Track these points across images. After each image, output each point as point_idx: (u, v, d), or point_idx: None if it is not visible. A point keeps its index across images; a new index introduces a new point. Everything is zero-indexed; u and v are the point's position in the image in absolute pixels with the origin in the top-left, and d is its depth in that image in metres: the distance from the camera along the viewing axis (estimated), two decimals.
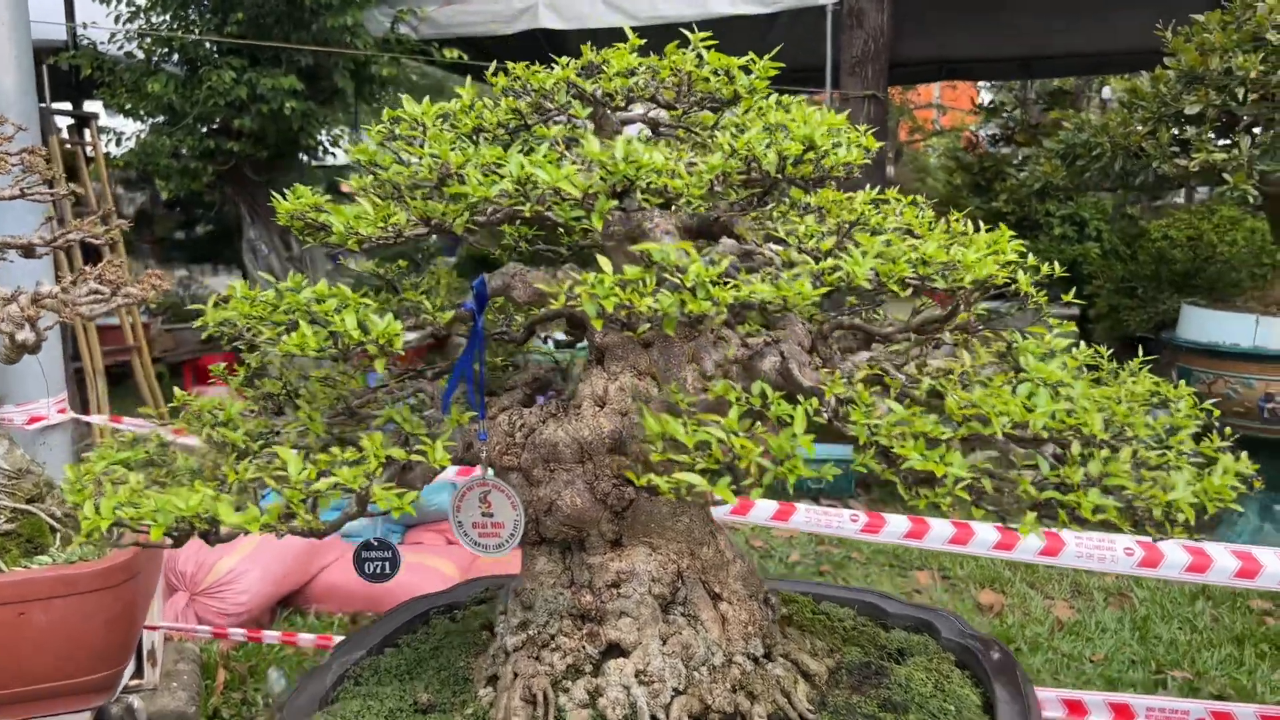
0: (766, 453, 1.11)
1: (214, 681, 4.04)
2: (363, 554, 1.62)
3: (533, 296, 1.60)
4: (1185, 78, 6.01)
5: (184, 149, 9.08)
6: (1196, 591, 5.27)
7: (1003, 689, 1.65)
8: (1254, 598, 5.19)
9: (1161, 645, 4.72)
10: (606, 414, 1.56)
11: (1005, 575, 5.55)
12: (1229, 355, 5.78)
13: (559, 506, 1.56)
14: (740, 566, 1.68)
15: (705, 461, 1.13)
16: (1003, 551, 2.79)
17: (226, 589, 4.55)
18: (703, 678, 1.54)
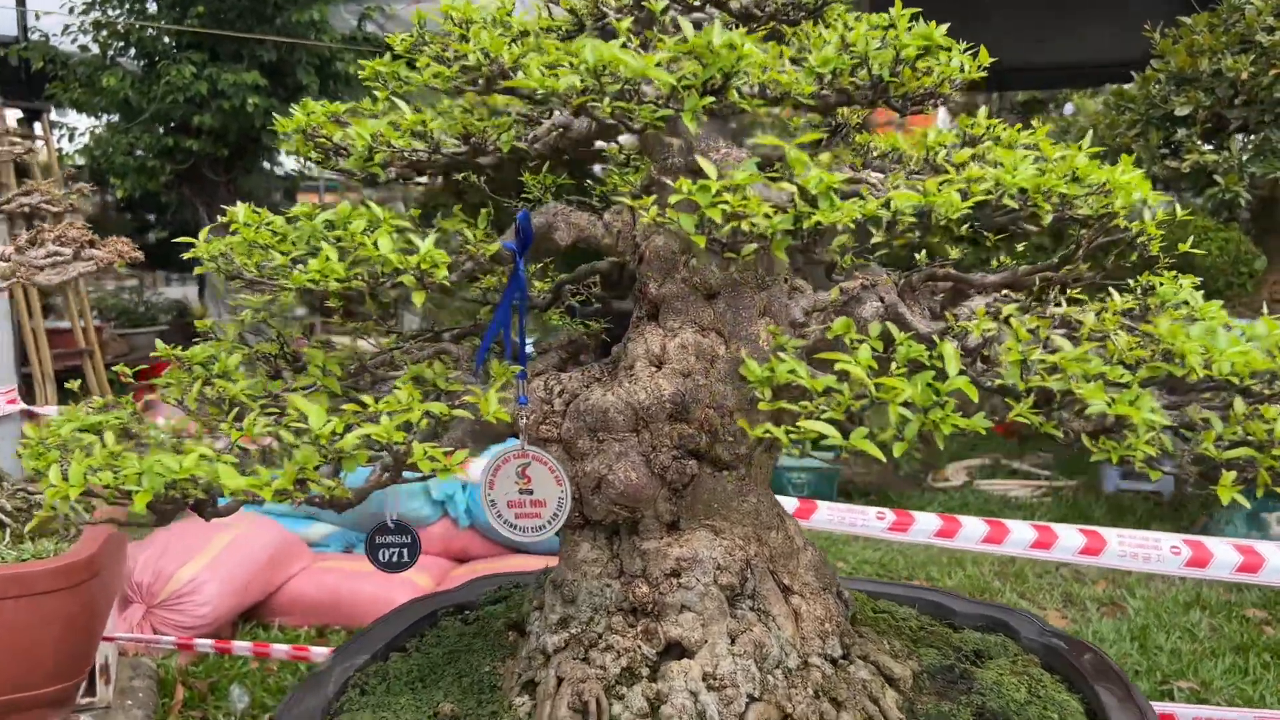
0: (907, 403, 0.90)
1: (172, 699, 3.74)
2: (377, 539, 1.38)
3: (577, 238, 1.38)
4: (1174, 79, 5.95)
5: (140, 147, 8.73)
6: (1190, 600, 5.15)
7: (1109, 694, 1.45)
8: (1249, 606, 5.07)
9: (1164, 655, 4.58)
10: (665, 375, 1.34)
11: (995, 586, 5.39)
12: None
13: (609, 482, 1.34)
14: (811, 555, 1.46)
15: (833, 410, 0.91)
16: (1040, 551, 2.60)
17: (186, 600, 4.23)
18: (778, 682, 1.32)
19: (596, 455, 1.36)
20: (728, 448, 1.35)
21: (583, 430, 1.37)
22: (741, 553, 1.38)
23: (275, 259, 1.04)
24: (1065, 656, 1.59)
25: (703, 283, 1.35)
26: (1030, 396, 0.94)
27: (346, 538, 5.19)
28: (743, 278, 1.34)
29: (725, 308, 1.36)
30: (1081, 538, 2.57)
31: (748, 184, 0.92)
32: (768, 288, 1.35)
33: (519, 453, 1.34)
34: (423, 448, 0.97)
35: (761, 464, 1.41)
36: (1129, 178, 1.05)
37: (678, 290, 1.37)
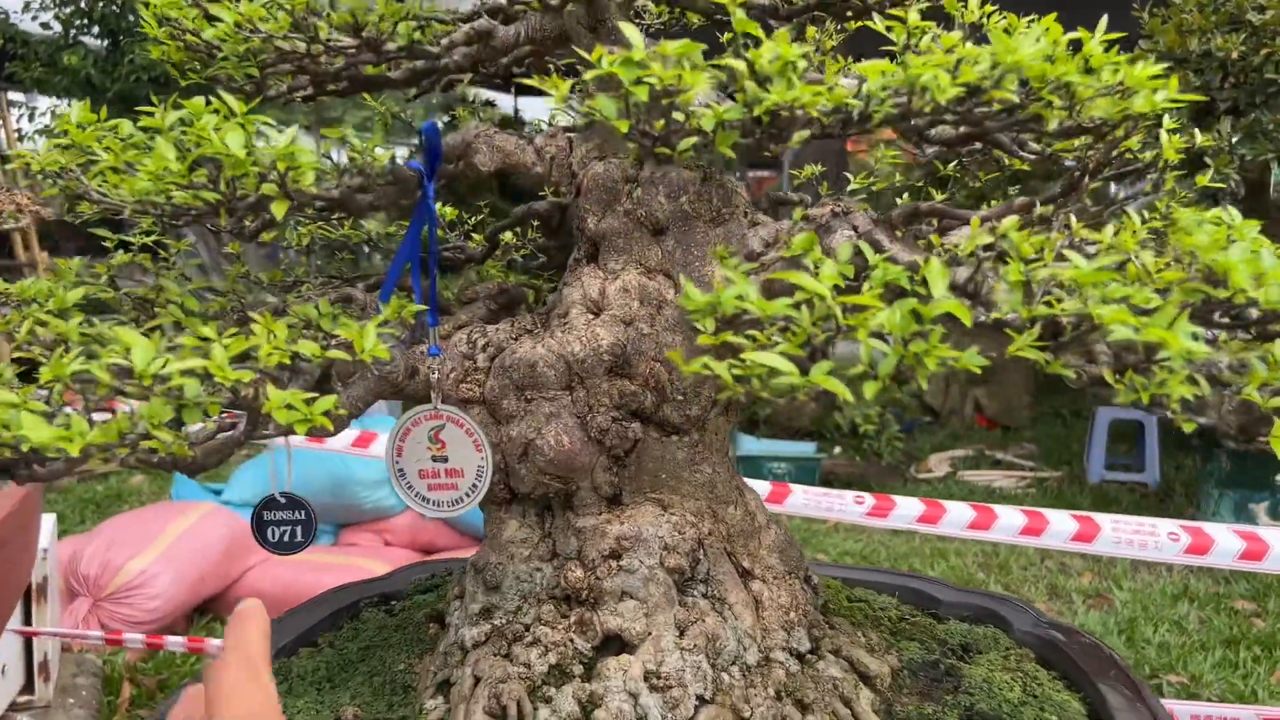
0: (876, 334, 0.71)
1: (118, 698, 3.52)
2: (265, 515, 1.18)
3: (502, 165, 1.18)
4: (1163, 60, 5.80)
5: None
6: (1179, 593, 5.00)
7: (1114, 694, 1.27)
8: (1238, 598, 4.92)
9: (1152, 649, 4.42)
10: (605, 323, 1.14)
11: (979, 578, 5.23)
12: None
13: (538, 448, 1.14)
14: (775, 534, 1.27)
15: (788, 342, 0.72)
16: (1029, 538, 2.42)
17: (135, 594, 4.02)
18: (735, 681, 1.12)
19: (524, 417, 1.17)
20: (677, 408, 1.15)
21: (509, 389, 1.17)
22: (693, 530, 1.18)
23: (103, 159, 0.84)
24: (1064, 651, 1.40)
25: (648, 216, 1.16)
26: (1035, 327, 0.75)
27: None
28: (695, 209, 1.15)
29: (675, 245, 1.16)
30: (1074, 524, 2.40)
31: (683, 55, 0.72)
32: (724, 222, 1.16)
33: (431, 413, 1.14)
34: (281, 395, 0.77)
35: (717, 429, 1.22)
36: (1151, 73, 0.86)
37: (619, 225, 1.18)
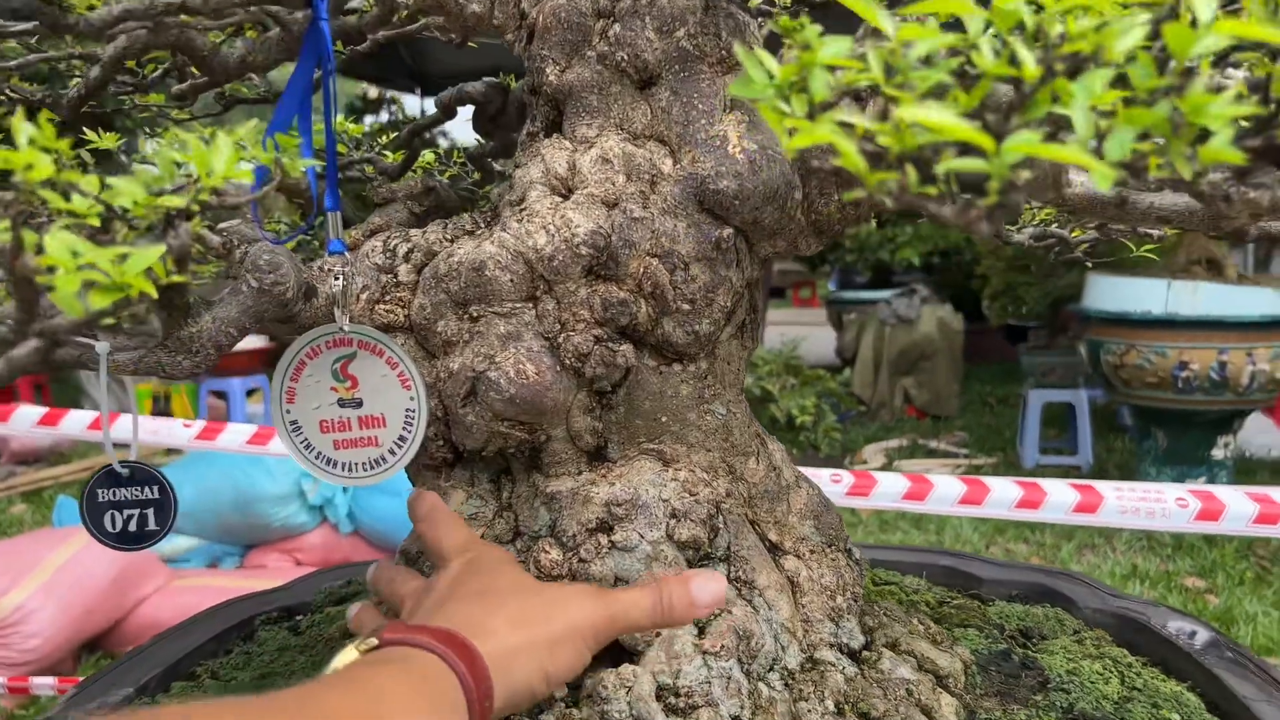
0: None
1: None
2: (98, 495, 0.82)
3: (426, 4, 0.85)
4: None
5: None
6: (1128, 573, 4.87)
7: (1241, 682, 0.99)
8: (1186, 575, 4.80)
9: None
10: (578, 206, 0.82)
11: None
12: (1141, 324, 5.44)
13: (492, 383, 0.81)
14: (808, 495, 0.96)
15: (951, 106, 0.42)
16: (1027, 511, 2.17)
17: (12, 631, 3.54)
18: (777, 693, 0.81)
19: (469, 343, 0.84)
20: (682, 322, 0.83)
21: (445, 306, 0.84)
22: (707, 491, 0.86)
23: None
24: (1152, 631, 1.12)
25: (632, 60, 0.84)
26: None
27: (211, 551, 4.53)
28: (697, 48, 0.84)
29: (670, 99, 0.85)
30: (1074, 494, 2.15)
31: None
32: (736, 66, 0.85)
33: (334, 339, 0.80)
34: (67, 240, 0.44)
35: (730, 356, 0.91)
36: None
37: (591, 76, 0.85)
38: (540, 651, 0.66)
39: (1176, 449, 5.67)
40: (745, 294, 0.89)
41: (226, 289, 0.79)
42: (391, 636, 0.64)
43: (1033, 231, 1.23)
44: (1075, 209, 0.84)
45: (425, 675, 0.60)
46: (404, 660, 0.61)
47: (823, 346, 9.95)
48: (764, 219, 0.83)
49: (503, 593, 0.71)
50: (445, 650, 0.62)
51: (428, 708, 0.58)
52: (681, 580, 0.73)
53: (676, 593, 0.72)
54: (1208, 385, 5.31)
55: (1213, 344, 5.26)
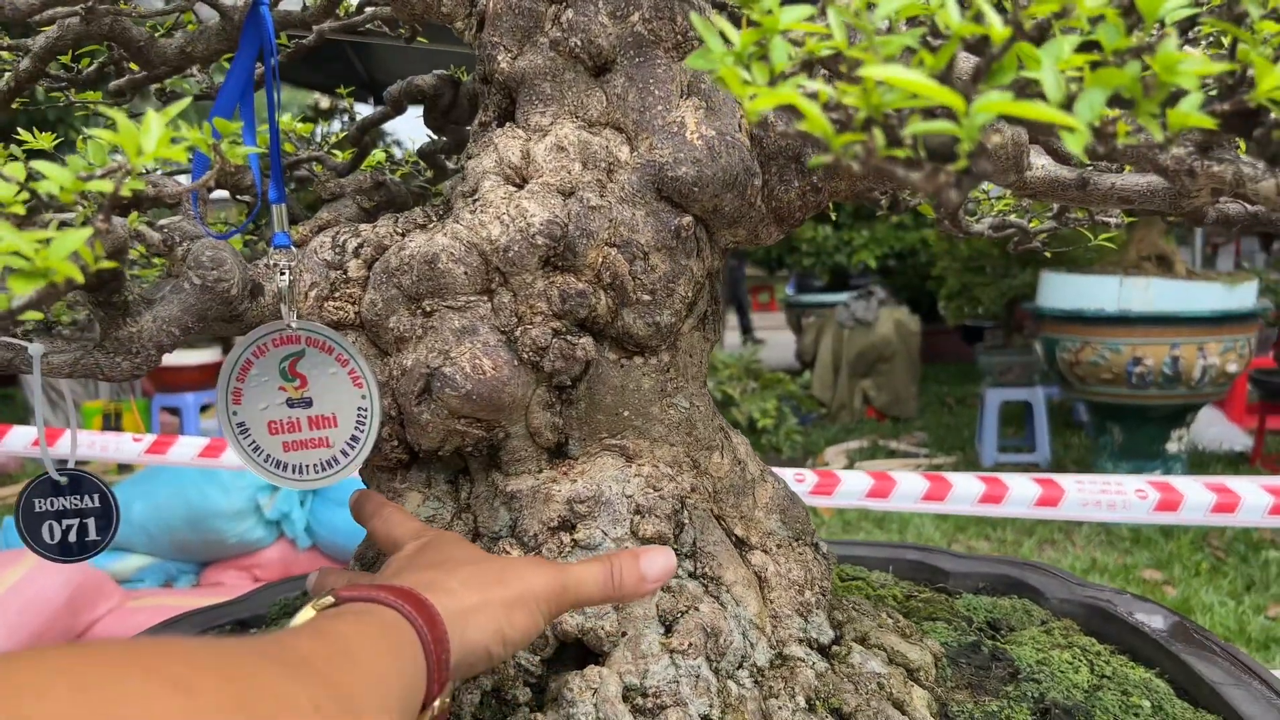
0: None
1: None
2: (34, 505, 0.78)
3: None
4: None
5: None
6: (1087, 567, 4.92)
7: (1206, 665, 0.99)
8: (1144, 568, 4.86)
9: None
10: (534, 195, 0.80)
11: None
12: (1094, 320, 5.52)
13: (447, 379, 0.79)
14: (773, 489, 0.94)
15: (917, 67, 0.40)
16: (990, 506, 2.17)
17: None
18: (747, 690, 0.79)
19: (423, 338, 0.81)
20: (643, 313, 0.81)
21: (397, 301, 0.81)
22: (671, 485, 0.84)
23: None
24: (1118, 619, 1.12)
25: (586, 45, 0.82)
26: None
27: (165, 570, 4.42)
28: (652, 32, 0.82)
29: (625, 86, 0.83)
30: (1036, 487, 2.16)
31: None
32: (694, 49, 0.83)
33: (283, 335, 0.77)
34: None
35: (692, 349, 0.89)
36: None
37: (544, 63, 0.83)
38: (496, 612, 0.66)
39: (1132, 444, 5.75)
40: (706, 284, 0.87)
41: (168, 286, 0.76)
42: (348, 594, 0.64)
43: (991, 222, 1.22)
44: (1036, 193, 0.84)
45: (385, 627, 0.60)
46: (364, 614, 0.61)
47: (782, 350, 10.00)
48: (724, 206, 0.81)
49: (458, 560, 0.71)
50: (401, 604, 0.62)
51: (390, 655, 0.58)
52: (632, 555, 0.73)
53: (627, 566, 0.72)
54: (1161, 380, 5.39)
55: (1165, 339, 5.34)
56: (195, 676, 0.42)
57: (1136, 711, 0.93)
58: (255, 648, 0.51)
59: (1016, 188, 0.83)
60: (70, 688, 0.38)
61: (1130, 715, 0.92)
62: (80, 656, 0.42)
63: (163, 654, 0.45)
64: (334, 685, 0.50)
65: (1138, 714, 0.93)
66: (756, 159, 0.82)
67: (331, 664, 0.51)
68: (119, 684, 0.40)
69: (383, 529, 0.80)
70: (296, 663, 0.50)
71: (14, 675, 0.38)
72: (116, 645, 0.46)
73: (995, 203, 1.27)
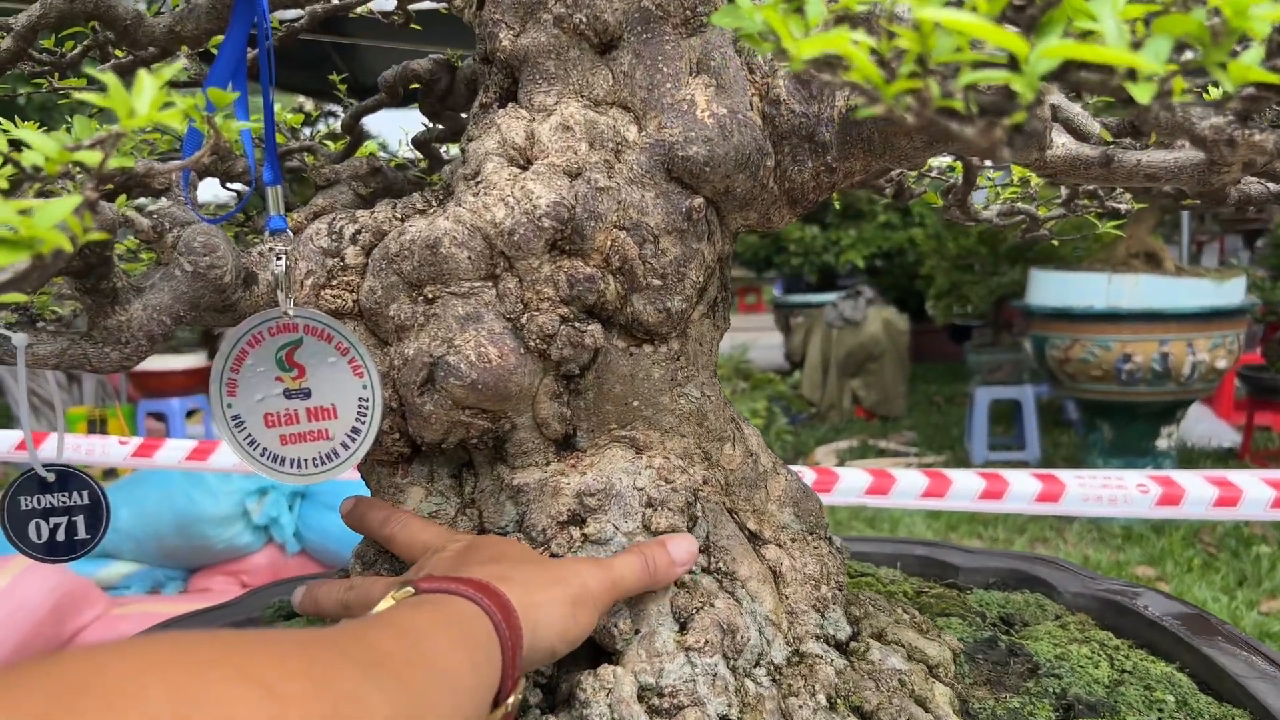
0: None
1: None
2: (20, 502, 0.74)
3: None
4: None
5: None
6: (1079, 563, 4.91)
7: (1228, 659, 0.97)
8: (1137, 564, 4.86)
9: None
10: (539, 176, 0.77)
11: None
12: (1083, 318, 5.51)
13: (451, 368, 0.76)
14: (786, 481, 0.91)
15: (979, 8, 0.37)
16: (990, 502, 2.15)
17: None
18: (765, 689, 0.76)
19: (425, 326, 0.78)
20: (653, 298, 0.78)
21: (398, 288, 0.78)
22: (684, 478, 0.81)
23: None
24: (1137, 613, 1.10)
25: (591, 22, 0.79)
26: None
27: (152, 577, 4.36)
28: (660, 7, 0.79)
29: (633, 64, 0.80)
30: (1036, 483, 2.14)
31: None
32: (704, 28, 0.80)
33: (280, 323, 0.74)
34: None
35: (702, 337, 0.86)
36: None
37: (548, 40, 0.80)
38: (564, 609, 0.68)
39: (1122, 441, 5.75)
40: (717, 269, 0.84)
41: (158, 274, 0.73)
42: (428, 585, 0.65)
43: (1000, 209, 1.20)
44: (1056, 171, 0.81)
45: (462, 620, 0.61)
46: (441, 605, 0.62)
47: (771, 351, 9.97)
48: (736, 187, 0.78)
49: (515, 558, 0.72)
50: (480, 597, 0.63)
51: (464, 651, 0.59)
52: (659, 543, 0.77)
53: (659, 554, 0.76)
54: (1150, 377, 5.39)
55: (1154, 336, 5.34)
56: (284, 683, 0.43)
57: (1160, 707, 0.90)
58: (339, 646, 0.51)
59: (1037, 166, 0.80)
60: (167, 689, 0.39)
61: (1154, 711, 0.90)
62: (174, 652, 0.43)
63: (254, 653, 0.45)
64: (408, 688, 0.51)
65: (1162, 709, 0.90)
66: (769, 138, 0.79)
67: (408, 663, 0.52)
68: (210, 685, 0.41)
69: (404, 535, 0.80)
70: (377, 663, 0.50)
71: (111, 670, 0.39)
72: (209, 641, 0.46)
73: (1003, 190, 1.25)
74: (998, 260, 7.21)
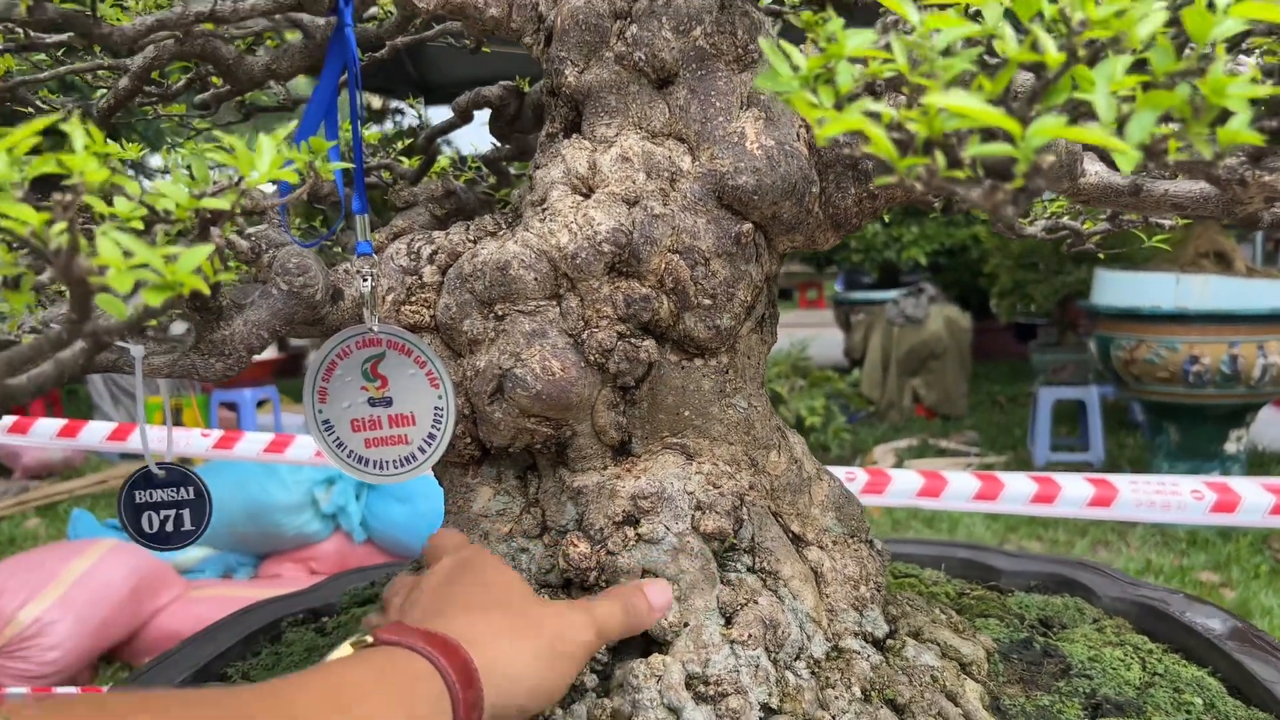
0: None
1: None
2: (135, 496, 0.84)
3: (443, 4, 0.87)
4: None
5: None
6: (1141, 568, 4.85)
7: (1260, 665, 1.00)
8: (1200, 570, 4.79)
9: None
10: (600, 204, 0.83)
11: None
12: (1150, 318, 5.42)
13: (518, 380, 0.83)
14: (829, 487, 0.97)
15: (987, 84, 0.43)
16: (1042, 505, 2.17)
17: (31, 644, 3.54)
18: (804, 680, 0.82)
19: (494, 341, 0.85)
20: (703, 317, 0.85)
21: (470, 306, 0.85)
22: (731, 484, 0.88)
23: None
24: (1171, 618, 1.13)
25: (650, 59, 0.85)
26: None
27: (225, 561, 4.54)
28: (713, 46, 0.85)
29: (688, 98, 0.86)
30: (1089, 487, 2.15)
31: None
32: (753, 64, 0.86)
33: (364, 339, 0.82)
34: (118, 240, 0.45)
35: (750, 350, 0.92)
36: None
37: (610, 76, 0.87)
38: (535, 663, 0.67)
39: (1189, 444, 5.65)
40: (765, 288, 0.90)
41: (257, 293, 0.81)
42: (386, 636, 0.64)
43: (1045, 224, 1.24)
44: (1090, 199, 0.86)
45: (411, 677, 0.60)
46: (390, 659, 0.61)
47: (831, 348, 9.95)
48: (782, 213, 0.84)
49: (491, 603, 0.71)
50: (433, 653, 0.62)
51: (404, 710, 0.57)
52: (636, 589, 0.80)
53: (638, 600, 0.78)
54: (1219, 379, 5.29)
55: (1223, 337, 5.24)
56: None
57: (1189, 709, 0.94)
58: (237, 708, 0.51)
59: (1070, 194, 0.85)
60: None
61: (1182, 712, 0.94)
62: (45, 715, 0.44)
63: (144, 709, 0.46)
64: None
65: (1189, 711, 0.94)
66: (814, 167, 0.85)
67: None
68: None
69: (428, 544, 0.84)
70: None
71: None
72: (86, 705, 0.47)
73: (1049, 205, 1.28)
74: (1062, 259, 7.12)
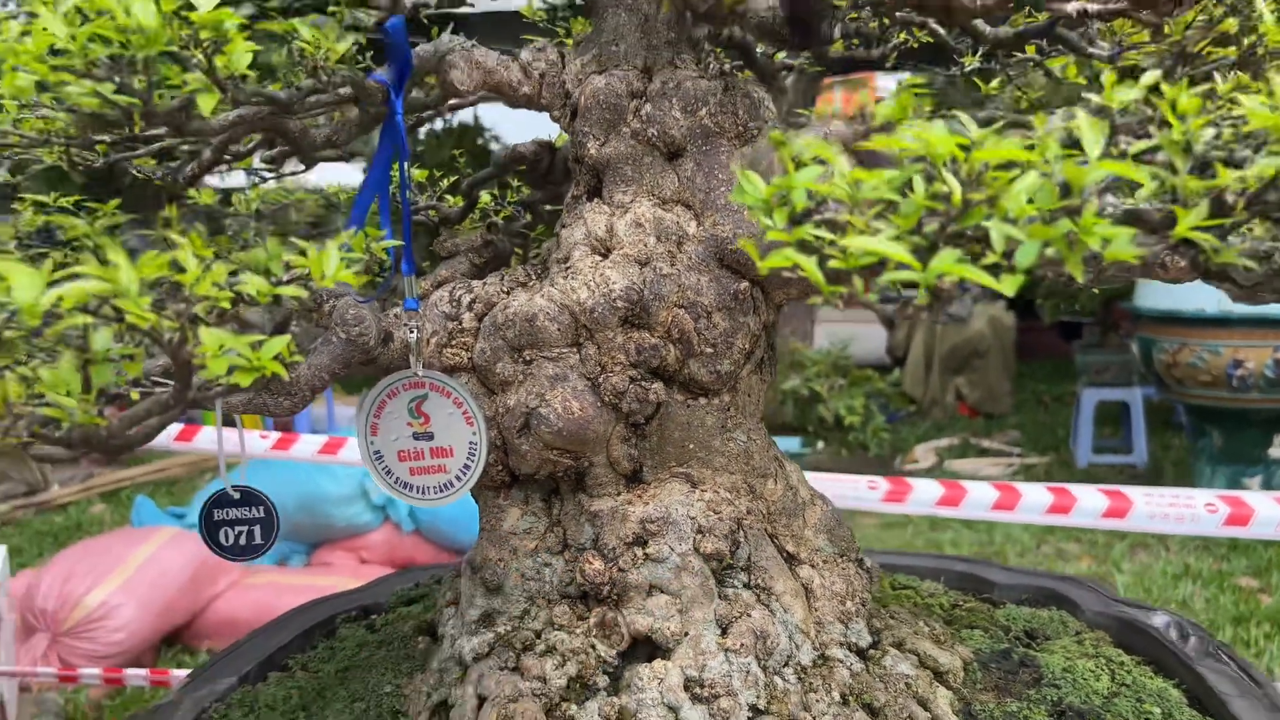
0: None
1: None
2: (215, 515, 0.98)
3: (483, 83, 0.99)
4: None
5: None
6: (1180, 573, 4.87)
7: (1218, 677, 1.10)
8: (1240, 575, 4.80)
9: None
10: (615, 264, 0.95)
11: None
12: (1193, 322, 5.40)
13: (543, 418, 0.95)
14: (821, 511, 1.08)
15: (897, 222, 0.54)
16: (1057, 516, 2.26)
17: (97, 627, 3.75)
18: (790, 685, 0.94)
19: (523, 382, 0.98)
20: (706, 363, 0.97)
21: (502, 350, 0.98)
22: (730, 509, 1.00)
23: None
24: (1147, 633, 1.23)
25: (661, 135, 0.97)
26: (1204, 202, 0.58)
27: (279, 550, 4.72)
28: (717, 124, 0.97)
29: (694, 169, 0.98)
30: (1104, 499, 2.23)
31: None
32: (752, 139, 0.98)
33: (410, 381, 0.95)
34: (218, 335, 0.58)
35: (750, 389, 1.03)
36: None
37: (626, 149, 0.99)
38: None
39: (1232, 448, 5.63)
40: (762, 335, 1.02)
41: (319, 340, 0.94)
42: None
43: None
44: None
45: None
46: None
47: (873, 345, 9.98)
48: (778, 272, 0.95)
49: None
50: None
51: None
52: None
53: None
54: (1263, 383, 5.27)
55: (1268, 342, 5.22)
56: None
57: (1147, 717, 1.04)
58: None
59: None
60: None
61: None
62: None
63: None
64: None
65: (1148, 719, 1.04)
66: None
67: None
68: None
69: None
70: None
71: None
72: None
73: None
74: None
